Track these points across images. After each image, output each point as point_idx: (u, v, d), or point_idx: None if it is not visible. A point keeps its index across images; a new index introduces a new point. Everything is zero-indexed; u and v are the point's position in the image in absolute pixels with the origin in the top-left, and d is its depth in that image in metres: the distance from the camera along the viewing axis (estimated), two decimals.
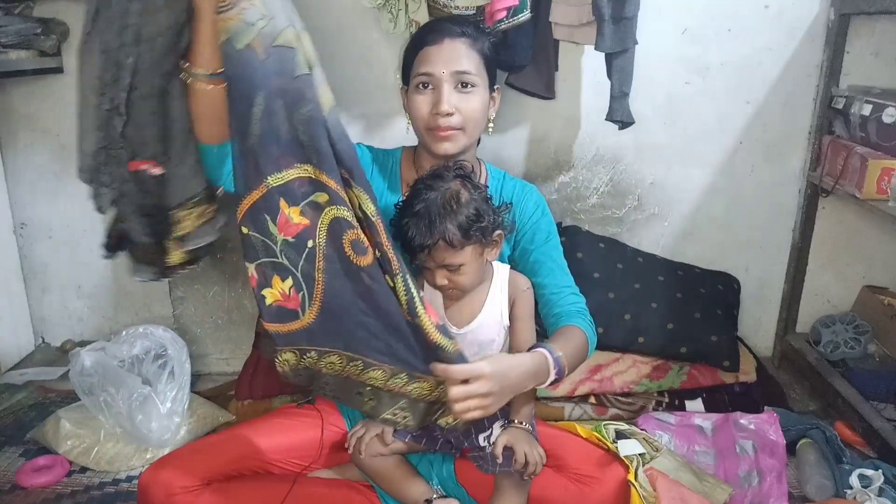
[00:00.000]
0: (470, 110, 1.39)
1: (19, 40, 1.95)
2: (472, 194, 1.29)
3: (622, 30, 1.77)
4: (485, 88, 1.42)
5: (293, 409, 1.53)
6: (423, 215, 1.25)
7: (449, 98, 1.37)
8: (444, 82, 1.37)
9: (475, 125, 1.42)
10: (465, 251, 1.28)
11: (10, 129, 2.16)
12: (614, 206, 2.21)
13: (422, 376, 1.22)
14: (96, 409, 1.72)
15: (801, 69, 2.07)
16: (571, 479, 1.37)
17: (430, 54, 1.39)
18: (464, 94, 1.39)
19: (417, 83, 1.40)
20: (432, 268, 1.29)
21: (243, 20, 1.04)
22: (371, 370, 1.21)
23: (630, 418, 1.85)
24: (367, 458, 1.37)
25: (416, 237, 1.24)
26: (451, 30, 1.40)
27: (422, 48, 1.40)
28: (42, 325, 2.34)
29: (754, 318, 2.28)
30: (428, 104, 1.39)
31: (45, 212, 2.23)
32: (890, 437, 1.71)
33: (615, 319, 1.94)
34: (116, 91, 1.11)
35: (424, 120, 1.40)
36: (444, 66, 1.37)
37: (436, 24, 1.46)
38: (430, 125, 1.39)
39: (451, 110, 1.37)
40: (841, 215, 2.18)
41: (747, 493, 1.57)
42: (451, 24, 1.43)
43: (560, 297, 1.42)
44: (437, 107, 1.37)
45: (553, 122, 2.12)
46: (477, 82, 1.40)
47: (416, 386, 1.23)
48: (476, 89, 1.40)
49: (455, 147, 1.40)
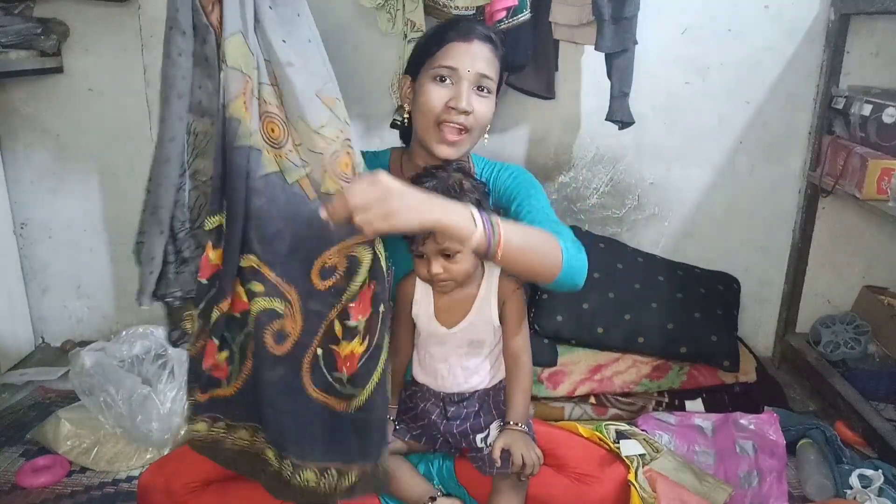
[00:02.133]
0: (482, 114, 1.38)
1: (19, 40, 1.95)
2: (473, 185, 1.30)
3: (622, 30, 1.77)
4: (495, 95, 1.42)
5: None
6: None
7: (469, 96, 1.36)
8: (467, 80, 1.36)
9: (481, 131, 1.41)
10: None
11: (10, 129, 2.16)
12: (614, 206, 2.21)
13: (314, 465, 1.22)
14: (96, 409, 1.71)
15: (801, 69, 2.07)
16: (572, 478, 1.37)
17: (458, 49, 1.37)
18: (480, 97, 1.38)
19: (436, 75, 1.37)
20: (429, 254, 1.28)
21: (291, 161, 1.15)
22: (267, 449, 1.24)
23: (630, 418, 1.85)
24: None
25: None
26: (481, 32, 1.39)
27: (449, 42, 1.38)
28: (42, 325, 2.34)
29: (754, 318, 2.28)
30: (444, 97, 1.36)
31: (45, 212, 2.23)
32: (890, 437, 1.71)
33: (615, 319, 1.93)
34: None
35: (436, 112, 1.37)
36: (471, 63, 1.36)
37: (465, 23, 1.43)
38: (442, 118, 1.37)
39: (469, 108, 1.35)
40: (841, 215, 2.18)
41: (747, 494, 1.57)
42: (480, 26, 1.43)
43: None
44: (455, 101, 1.35)
45: (553, 122, 2.13)
46: (493, 89, 1.40)
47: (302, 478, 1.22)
48: (491, 96, 1.40)
49: (458, 152, 1.39)
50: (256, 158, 1.12)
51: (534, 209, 1.38)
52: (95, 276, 2.30)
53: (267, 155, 1.13)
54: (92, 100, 2.13)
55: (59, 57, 2.08)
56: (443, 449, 1.40)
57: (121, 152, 2.17)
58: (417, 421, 1.39)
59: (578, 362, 1.91)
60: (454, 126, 1.36)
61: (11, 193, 2.20)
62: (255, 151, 1.11)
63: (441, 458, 1.43)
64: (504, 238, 1.15)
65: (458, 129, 1.36)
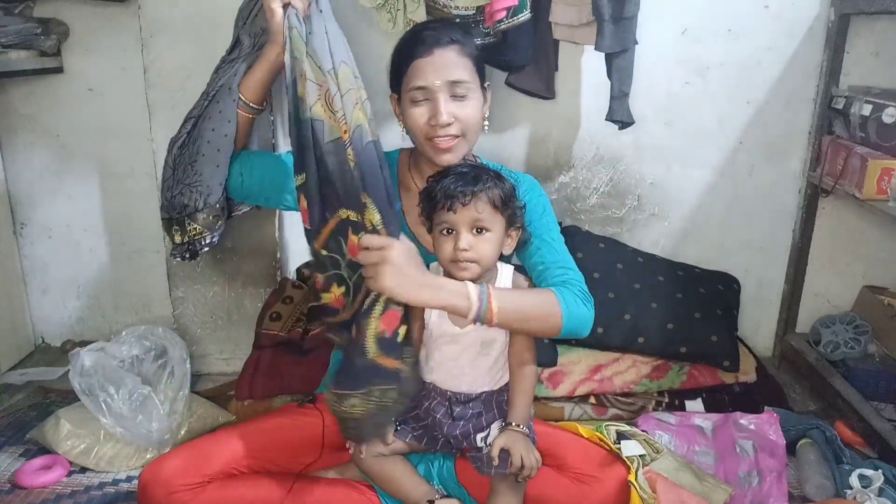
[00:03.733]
0: (467, 117, 1.38)
1: (19, 40, 1.95)
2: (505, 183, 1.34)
3: (622, 30, 1.77)
4: (478, 91, 1.42)
5: (293, 408, 1.53)
6: (468, 174, 1.30)
7: (446, 108, 1.36)
8: (440, 93, 1.36)
9: (473, 130, 1.42)
10: (497, 219, 1.30)
11: (10, 129, 2.16)
12: (614, 206, 2.21)
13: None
14: (96, 409, 1.71)
15: (801, 69, 2.07)
16: (572, 478, 1.37)
17: (422, 67, 1.37)
18: (460, 101, 1.38)
19: (411, 98, 1.39)
20: (460, 227, 1.28)
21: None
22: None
23: (630, 418, 1.85)
24: (367, 458, 1.37)
25: (461, 186, 1.27)
26: (439, 39, 1.38)
27: (413, 60, 1.38)
28: (42, 325, 2.34)
29: (754, 318, 2.28)
30: (425, 116, 1.38)
31: (45, 212, 2.23)
32: (890, 437, 1.71)
33: (615, 319, 1.93)
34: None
35: (423, 132, 1.39)
36: (436, 77, 1.36)
37: (422, 35, 1.41)
38: (430, 135, 1.38)
39: (449, 121, 1.36)
40: (841, 215, 2.18)
41: (747, 494, 1.57)
42: (437, 32, 1.40)
43: (546, 272, 1.38)
44: (435, 118, 1.36)
45: (553, 122, 2.12)
46: (471, 87, 1.39)
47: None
48: (471, 94, 1.39)
49: (457, 156, 1.40)
50: (321, 128, 1.31)
51: (544, 245, 1.42)
52: (95, 276, 2.29)
53: (329, 123, 1.31)
54: (92, 100, 2.13)
55: (59, 57, 2.08)
56: (444, 449, 1.41)
57: (121, 152, 2.17)
58: (420, 420, 1.39)
59: (578, 362, 1.91)
60: (443, 137, 1.37)
61: (11, 193, 2.20)
62: (318, 122, 1.31)
63: (441, 459, 1.43)
64: (497, 311, 1.25)
65: (449, 137, 1.37)
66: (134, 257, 2.27)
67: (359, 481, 1.45)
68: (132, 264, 2.28)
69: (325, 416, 1.47)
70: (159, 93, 1.95)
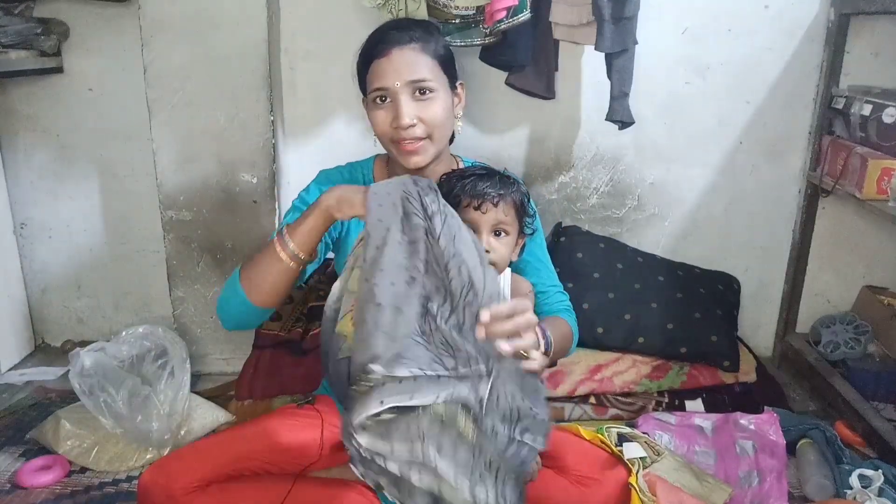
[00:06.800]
0: (432, 117, 1.35)
1: (19, 40, 1.95)
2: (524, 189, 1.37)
3: (622, 30, 1.77)
4: (445, 90, 1.39)
5: (293, 409, 1.53)
6: (493, 176, 1.31)
7: (408, 109, 1.33)
8: (400, 94, 1.33)
9: (441, 131, 1.38)
10: (515, 223, 1.32)
11: (10, 129, 2.16)
12: (614, 206, 2.21)
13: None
14: (96, 409, 1.71)
15: (801, 69, 2.07)
16: (572, 480, 1.37)
17: (381, 67, 1.34)
18: (423, 101, 1.35)
19: (374, 98, 1.37)
20: (482, 227, 1.29)
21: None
22: None
23: (630, 418, 1.85)
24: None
25: (490, 187, 1.28)
26: (397, 38, 1.35)
27: (372, 62, 1.36)
28: (42, 325, 2.34)
29: (754, 318, 2.28)
30: (388, 118, 1.36)
31: (45, 212, 2.23)
32: (890, 437, 1.71)
33: (615, 319, 1.94)
34: None
35: (388, 134, 1.37)
36: (396, 77, 1.33)
37: (382, 35, 1.39)
38: (394, 138, 1.36)
39: (412, 122, 1.33)
40: (841, 215, 2.18)
41: (747, 494, 1.57)
42: (396, 31, 1.38)
43: (547, 296, 1.47)
44: (397, 120, 1.34)
45: (553, 122, 2.12)
46: (435, 87, 1.36)
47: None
48: (435, 94, 1.36)
49: (425, 159, 1.38)
50: (338, 345, 1.19)
51: (535, 258, 1.48)
52: (95, 276, 2.29)
53: (348, 342, 1.16)
54: (92, 100, 2.13)
55: (59, 57, 2.08)
56: None
57: (121, 152, 2.17)
58: None
59: (578, 362, 1.91)
60: (408, 140, 1.35)
61: (11, 193, 2.20)
62: (340, 339, 1.18)
63: None
64: (553, 353, 1.31)
65: (414, 139, 1.36)
66: (134, 257, 2.27)
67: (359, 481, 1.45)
68: (132, 264, 2.28)
69: (324, 416, 1.47)
70: (159, 93, 1.95)
